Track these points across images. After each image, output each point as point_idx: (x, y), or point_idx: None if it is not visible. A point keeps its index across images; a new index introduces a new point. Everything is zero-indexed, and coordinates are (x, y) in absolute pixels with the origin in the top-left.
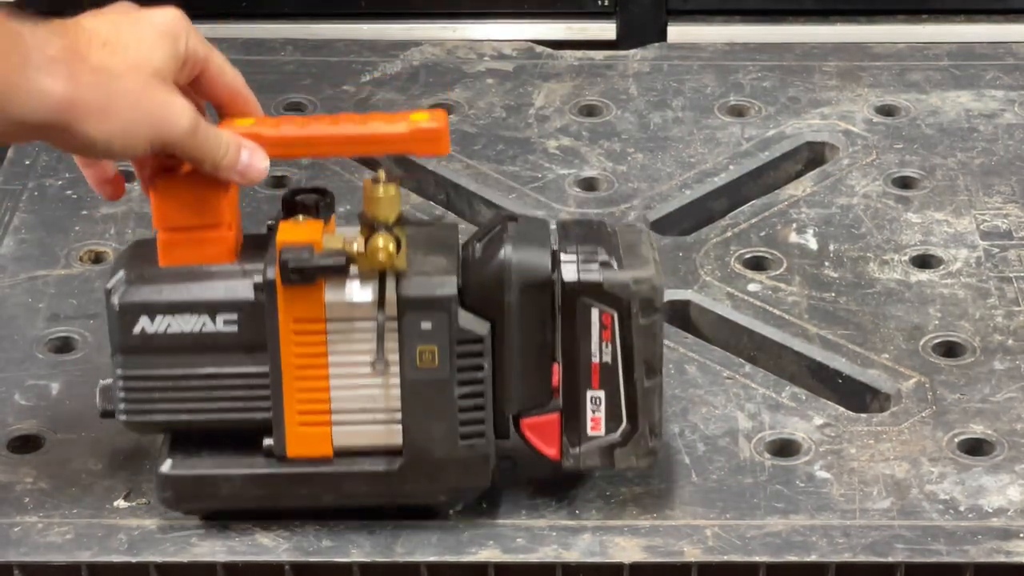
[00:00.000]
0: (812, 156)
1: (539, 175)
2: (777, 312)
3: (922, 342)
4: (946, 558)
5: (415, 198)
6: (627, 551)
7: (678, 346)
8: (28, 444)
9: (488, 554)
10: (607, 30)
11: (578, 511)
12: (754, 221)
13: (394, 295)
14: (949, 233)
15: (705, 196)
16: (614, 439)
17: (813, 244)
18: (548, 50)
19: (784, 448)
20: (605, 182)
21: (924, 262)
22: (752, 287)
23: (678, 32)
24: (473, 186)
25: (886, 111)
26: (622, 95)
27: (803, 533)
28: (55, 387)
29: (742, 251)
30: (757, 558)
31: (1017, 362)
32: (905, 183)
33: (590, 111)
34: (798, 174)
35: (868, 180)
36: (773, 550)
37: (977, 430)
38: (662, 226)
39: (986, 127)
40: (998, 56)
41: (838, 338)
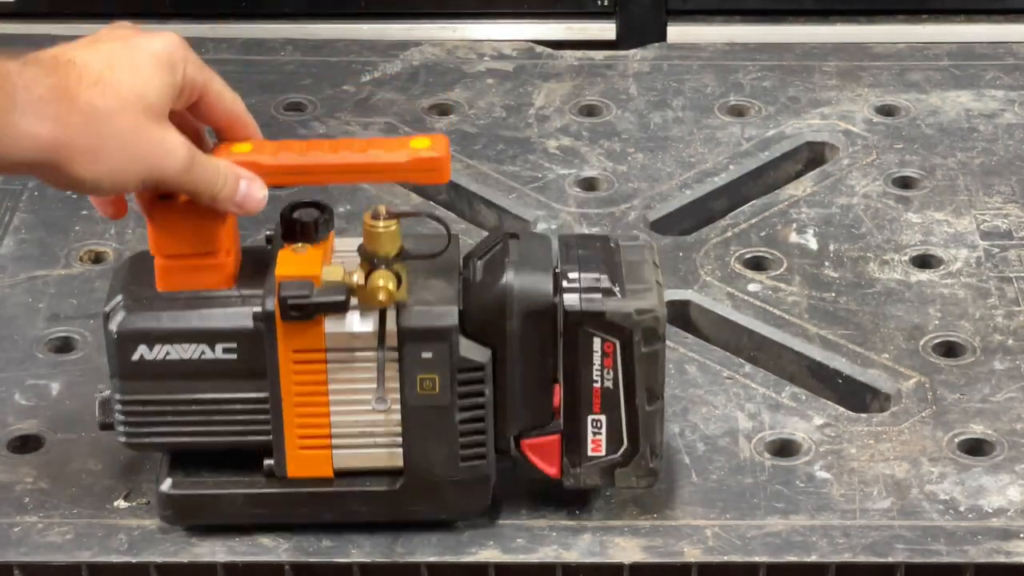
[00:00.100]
0: (812, 156)
1: (539, 175)
2: (777, 312)
3: (922, 342)
4: (946, 558)
5: (415, 198)
6: (627, 551)
7: (678, 346)
8: (28, 444)
9: (488, 554)
10: (607, 30)
11: (578, 511)
12: (754, 221)
13: (395, 326)
14: (949, 233)
15: (705, 196)
16: (615, 459)
17: (813, 244)
18: (548, 50)
19: (784, 448)
20: (605, 182)
21: (924, 262)
22: (752, 287)
23: (678, 32)
24: (473, 186)
25: (886, 111)
26: (622, 95)
27: (803, 533)
28: (55, 387)
29: (742, 251)
30: (757, 558)
31: (1017, 362)
32: (905, 183)
33: (590, 111)
34: (798, 174)
35: (868, 180)
36: (773, 550)
37: (977, 430)
38: (662, 226)
39: (986, 127)
40: (998, 56)
41: (838, 338)
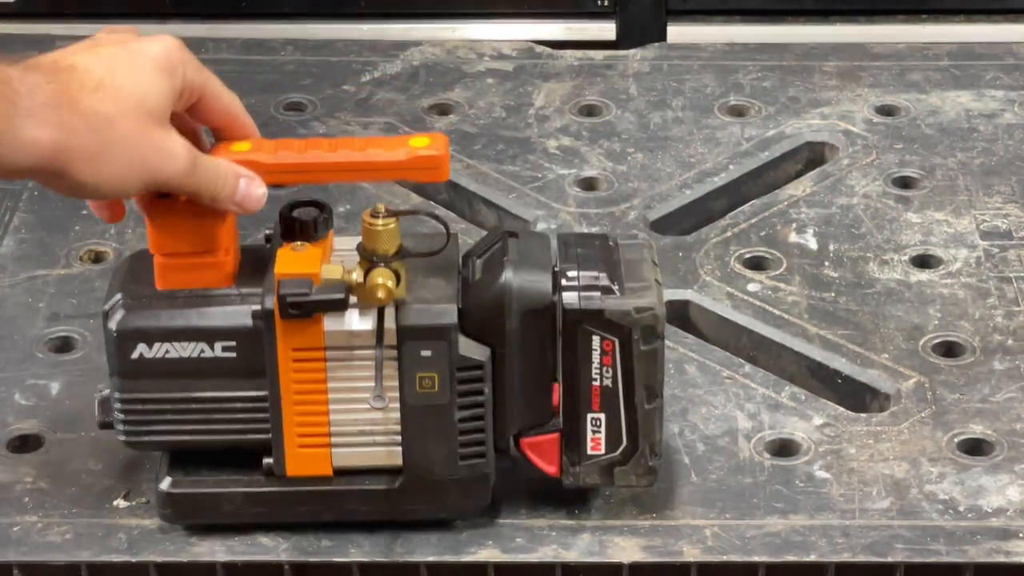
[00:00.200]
0: (812, 156)
1: (539, 175)
2: (777, 312)
3: (922, 342)
4: (945, 558)
5: (415, 197)
6: (626, 551)
7: (678, 346)
8: (28, 444)
9: (487, 554)
10: (607, 30)
11: (577, 511)
12: (754, 221)
13: (394, 325)
14: (949, 233)
15: (705, 196)
16: (614, 458)
17: (813, 244)
18: (548, 50)
19: (784, 448)
20: (605, 182)
21: (924, 262)
22: (752, 287)
23: (678, 32)
24: (473, 186)
25: (886, 111)
26: (622, 95)
27: (802, 533)
28: (55, 387)
29: (742, 251)
30: (756, 558)
31: (1017, 362)
32: (905, 183)
33: (590, 111)
34: (798, 174)
35: (868, 180)
36: (772, 550)
37: (976, 430)
38: (662, 226)
39: (986, 127)
40: (998, 56)
41: (838, 338)
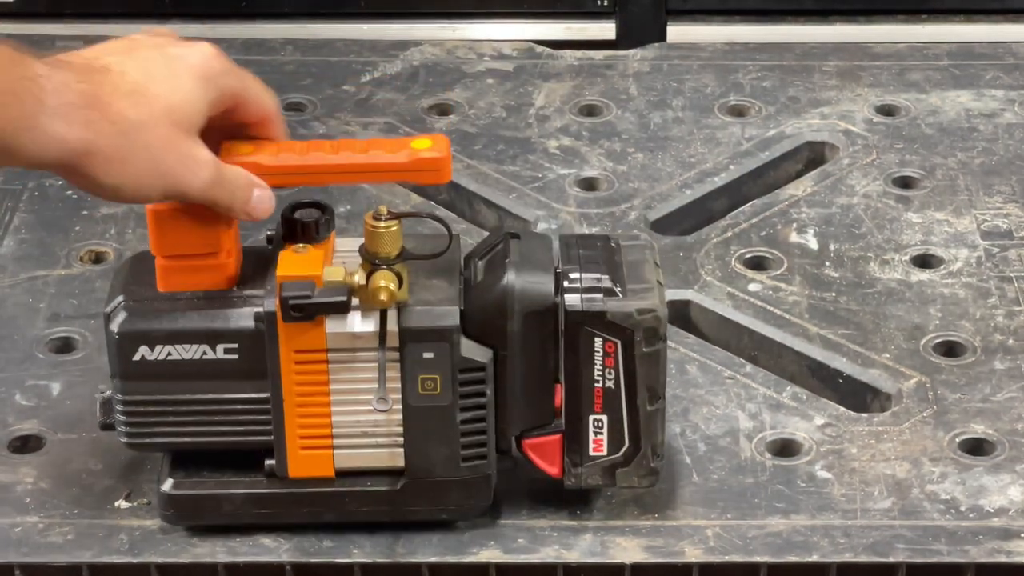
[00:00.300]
0: (812, 156)
1: (539, 175)
2: (778, 312)
3: (923, 342)
4: (947, 558)
5: (416, 198)
6: (628, 551)
7: (679, 346)
8: (28, 444)
9: (489, 554)
10: (607, 30)
11: (579, 511)
12: (754, 221)
13: (396, 326)
14: (949, 233)
15: (705, 196)
16: (616, 459)
17: (813, 244)
18: (548, 50)
19: (785, 448)
20: (605, 182)
21: (924, 262)
22: (752, 287)
23: (678, 32)
24: (473, 186)
25: (886, 111)
26: (622, 95)
27: (804, 533)
28: (55, 387)
29: (742, 251)
30: (758, 558)
31: (1018, 362)
32: (905, 183)
33: (590, 111)
34: (798, 174)
35: (868, 180)
36: (774, 550)
37: (978, 430)
38: (662, 226)
39: (986, 127)
40: (998, 56)
41: (839, 338)
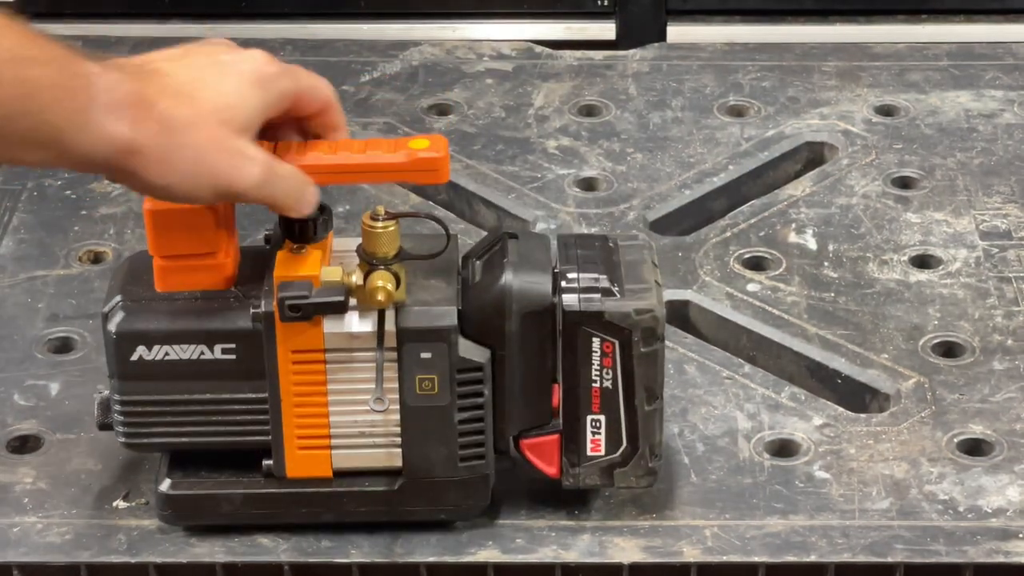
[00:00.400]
0: (811, 156)
1: (539, 175)
2: (776, 312)
3: (921, 342)
4: (945, 558)
5: (414, 198)
6: (626, 551)
7: (677, 346)
8: (27, 444)
9: (487, 554)
10: (607, 30)
11: (577, 511)
12: (753, 221)
13: (393, 327)
14: (948, 233)
15: (704, 196)
16: (614, 459)
17: (812, 244)
18: (547, 50)
19: (783, 448)
20: (605, 182)
21: (923, 262)
22: (751, 287)
23: (678, 32)
24: (472, 186)
25: (885, 111)
26: (622, 95)
27: (802, 533)
28: (54, 387)
29: (741, 251)
30: (756, 558)
31: (1016, 362)
32: (904, 183)
33: (590, 111)
34: (797, 174)
35: (867, 180)
36: (772, 550)
37: (976, 430)
38: (662, 226)
39: (985, 127)
40: (998, 56)
41: (837, 338)
